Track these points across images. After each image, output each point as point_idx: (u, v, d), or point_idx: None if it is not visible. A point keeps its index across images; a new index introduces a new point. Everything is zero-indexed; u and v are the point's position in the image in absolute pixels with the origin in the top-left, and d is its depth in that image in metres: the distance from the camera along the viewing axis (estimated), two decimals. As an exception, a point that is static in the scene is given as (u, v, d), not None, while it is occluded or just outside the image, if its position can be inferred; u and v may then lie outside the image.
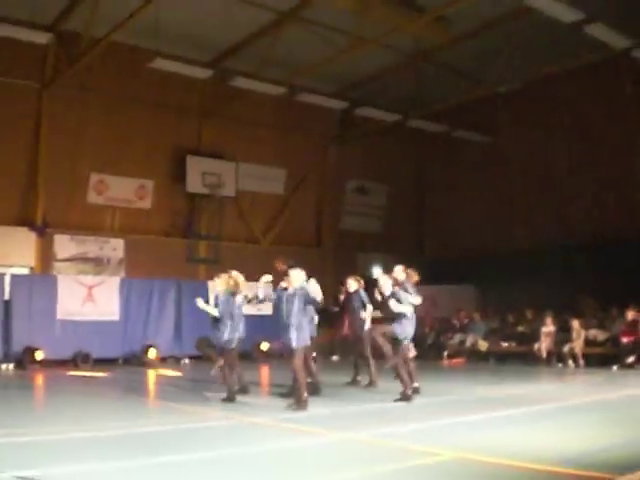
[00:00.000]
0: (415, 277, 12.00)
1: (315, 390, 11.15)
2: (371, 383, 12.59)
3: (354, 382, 13.12)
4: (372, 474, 6.02)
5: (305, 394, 9.90)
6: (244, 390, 11.48)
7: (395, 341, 10.94)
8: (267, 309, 20.25)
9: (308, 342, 10.28)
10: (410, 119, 22.17)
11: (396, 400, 10.48)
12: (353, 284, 13.20)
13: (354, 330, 13.23)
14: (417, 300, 11.40)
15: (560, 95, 21.45)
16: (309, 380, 10.99)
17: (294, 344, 9.85)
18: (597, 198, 21.12)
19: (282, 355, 11.34)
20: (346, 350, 18.26)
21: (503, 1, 16.70)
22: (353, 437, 7.74)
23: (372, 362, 12.67)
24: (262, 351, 19.88)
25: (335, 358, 19.71)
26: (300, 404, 9.75)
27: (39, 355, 17.05)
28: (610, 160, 20.81)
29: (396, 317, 10.85)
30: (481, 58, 19.34)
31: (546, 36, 17.47)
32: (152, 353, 18.55)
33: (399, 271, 11.79)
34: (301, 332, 9.91)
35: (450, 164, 25.62)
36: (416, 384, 11.32)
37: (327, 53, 18.62)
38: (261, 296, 10.78)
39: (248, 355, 19.14)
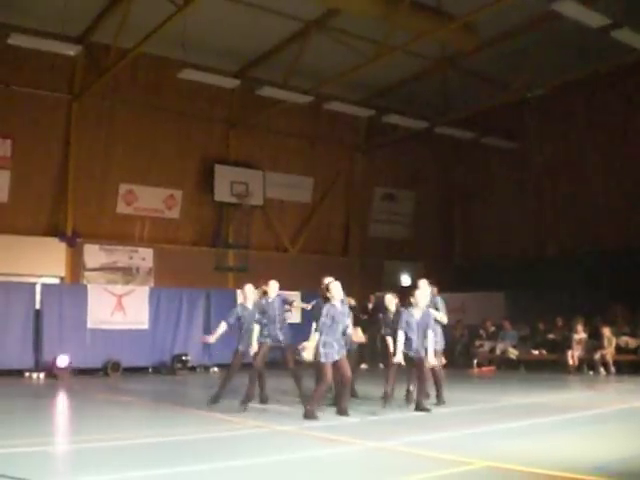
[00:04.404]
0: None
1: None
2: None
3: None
4: (402, 483, 6.00)
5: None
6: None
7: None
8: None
9: None
10: (437, 126, 22.09)
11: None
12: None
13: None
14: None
15: (589, 100, 21.29)
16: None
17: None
18: (628, 204, 20.88)
19: None
20: (375, 359, 18.22)
21: (530, 7, 16.60)
22: (382, 446, 7.70)
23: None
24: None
25: (364, 367, 19.65)
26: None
27: (65, 361, 17.22)
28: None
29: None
30: (509, 64, 19.22)
31: (573, 41, 17.35)
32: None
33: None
34: None
35: (478, 170, 25.51)
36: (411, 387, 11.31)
37: (354, 61, 18.61)
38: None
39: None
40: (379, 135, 24.29)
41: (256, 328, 11.17)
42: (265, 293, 11.25)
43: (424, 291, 11.12)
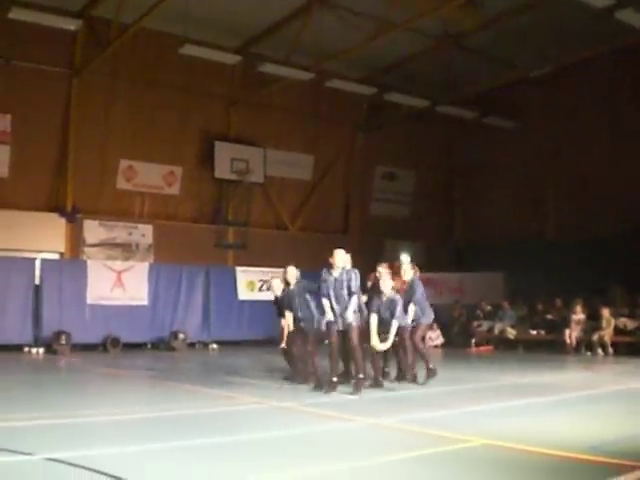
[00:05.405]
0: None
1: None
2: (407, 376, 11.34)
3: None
4: (400, 459, 6.01)
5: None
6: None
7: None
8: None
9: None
10: (439, 105, 22.00)
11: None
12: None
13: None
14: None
15: (592, 80, 21.18)
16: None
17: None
18: (630, 186, 20.84)
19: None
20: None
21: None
22: (381, 423, 7.74)
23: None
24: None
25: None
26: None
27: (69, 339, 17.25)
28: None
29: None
30: (512, 43, 19.12)
31: (578, 20, 17.25)
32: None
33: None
34: None
35: (480, 150, 25.39)
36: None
37: (356, 38, 18.52)
38: None
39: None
40: (381, 113, 24.17)
41: (288, 315, 11.15)
42: (287, 283, 11.26)
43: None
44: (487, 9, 18.03)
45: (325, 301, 10.17)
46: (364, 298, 11.02)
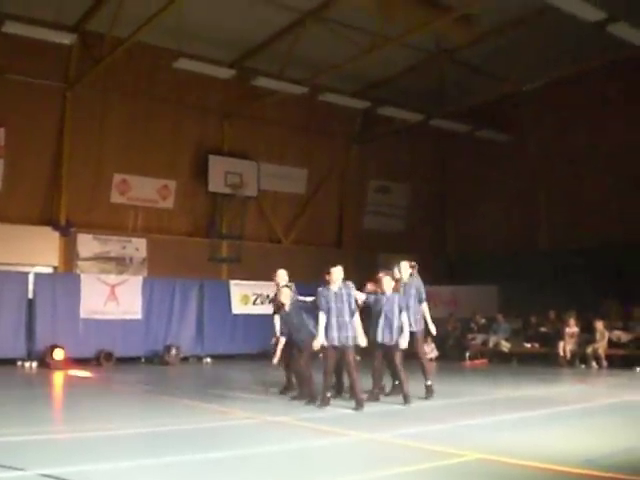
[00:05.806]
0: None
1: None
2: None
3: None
4: (394, 474, 6.00)
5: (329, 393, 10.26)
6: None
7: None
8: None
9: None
10: (433, 118, 22.07)
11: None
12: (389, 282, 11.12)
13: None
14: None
15: (585, 94, 21.26)
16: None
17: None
18: (622, 199, 20.90)
19: None
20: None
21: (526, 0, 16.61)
22: (375, 437, 7.72)
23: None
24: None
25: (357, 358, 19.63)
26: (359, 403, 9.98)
27: (62, 354, 17.13)
28: (636, 161, 20.52)
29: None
30: (505, 57, 19.20)
31: (570, 34, 17.34)
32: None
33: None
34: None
35: (473, 163, 25.44)
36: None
37: (349, 52, 18.56)
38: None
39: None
40: (374, 127, 24.23)
41: (282, 340, 11.06)
42: (283, 305, 11.20)
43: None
44: (479, 23, 18.12)
45: (322, 315, 10.11)
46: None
